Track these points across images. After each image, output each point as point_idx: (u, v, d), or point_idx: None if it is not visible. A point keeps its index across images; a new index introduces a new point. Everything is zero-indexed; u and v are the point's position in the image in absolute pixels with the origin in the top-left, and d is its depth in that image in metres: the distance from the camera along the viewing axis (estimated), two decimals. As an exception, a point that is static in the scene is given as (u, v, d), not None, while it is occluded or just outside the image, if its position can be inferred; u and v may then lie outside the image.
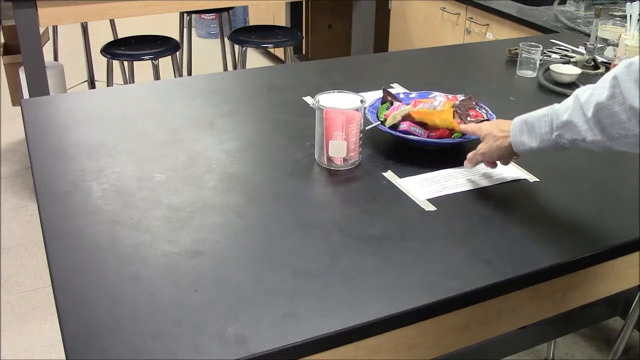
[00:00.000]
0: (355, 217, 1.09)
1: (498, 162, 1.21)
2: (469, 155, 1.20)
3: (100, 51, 2.94)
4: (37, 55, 2.46)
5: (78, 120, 1.42)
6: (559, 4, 2.78)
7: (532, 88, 1.74)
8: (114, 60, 2.97)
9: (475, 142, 1.34)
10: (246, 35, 3.22)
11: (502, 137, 1.12)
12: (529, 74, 1.81)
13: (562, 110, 1.01)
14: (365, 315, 0.87)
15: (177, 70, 3.16)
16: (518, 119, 1.09)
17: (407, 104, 1.39)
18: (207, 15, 4.73)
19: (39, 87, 2.49)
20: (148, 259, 0.97)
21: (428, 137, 1.31)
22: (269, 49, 4.57)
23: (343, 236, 1.04)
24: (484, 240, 1.05)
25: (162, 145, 1.32)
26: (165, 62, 3.05)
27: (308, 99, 1.56)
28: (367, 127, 1.31)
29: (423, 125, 1.31)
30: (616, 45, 2.01)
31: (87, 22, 3.35)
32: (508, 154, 1.14)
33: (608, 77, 0.93)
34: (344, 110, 1.20)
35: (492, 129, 1.16)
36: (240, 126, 1.44)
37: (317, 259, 0.98)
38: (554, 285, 1.04)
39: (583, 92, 0.98)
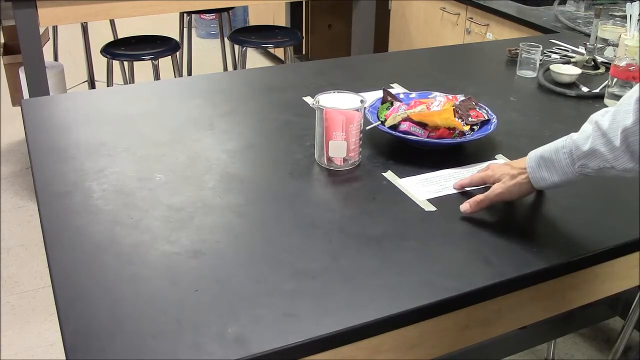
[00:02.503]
0: (355, 217, 1.09)
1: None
2: (479, 197, 1.10)
3: (100, 51, 2.94)
4: (37, 55, 2.46)
5: (78, 120, 1.42)
6: (559, 4, 2.79)
7: (532, 88, 1.74)
8: (114, 61, 2.97)
9: (475, 142, 1.34)
10: (246, 35, 3.22)
11: (519, 174, 1.07)
12: (529, 74, 1.81)
13: (582, 139, 0.97)
14: (365, 315, 0.87)
15: (177, 70, 3.16)
16: (533, 155, 1.06)
17: (407, 104, 1.39)
18: (207, 15, 4.73)
19: (39, 87, 2.49)
20: (148, 259, 0.97)
21: (428, 137, 1.31)
22: (269, 49, 4.57)
23: (343, 236, 1.04)
24: (484, 240, 1.05)
25: (162, 145, 1.32)
26: (165, 62, 3.05)
27: (308, 99, 1.56)
28: (367, 127, 1.31)
29: (423, 125, 1.31)
30: (616, 45, 2.01)
31: (87, 22, 3.35)
32: (527, 191, 1.09)
33: (631, 100, 0.90)
34: (344, 110, 1.20)
35: (505, 169, 1.10)
36: (240, 126, 1.44)
37: (317, 259, 0.98)
38: (554, 286, 1.04)
39: (603, 118, 0.95)
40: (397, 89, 1.65)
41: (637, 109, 0.88)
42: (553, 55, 1.96)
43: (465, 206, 1.10)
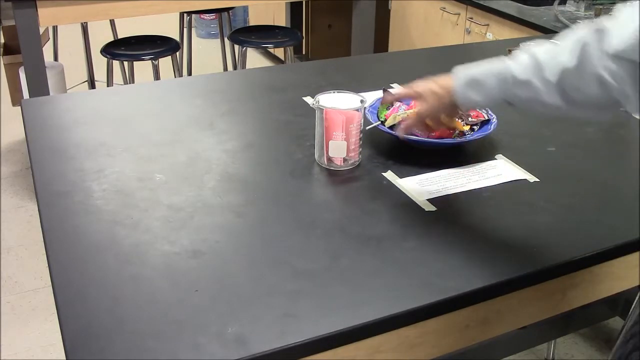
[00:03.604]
0: (355, 217, 1.09)
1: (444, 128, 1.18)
2: (406, 122, 1.14)
3: (100, 51, 2.94)
4: (37, 55, 2.46)
5: (78, 120, 1.42)
6: (559, 4, 2.78)
7: (532, 88, 1.73)
8: (114, 60, 2.97)
9: (475, 142, 1.34)
10: (246, 35, 3.22)
11: (445, 92, 1.06)
12: (529, 74, 1.81)
13: (518, 69, 0.97)
14: (365, 315, 0.87)
15: (177, 70, 3.16)
16: (462, 73, 1.04)
17: (407, 104, 1.39)
18: (207, 15, 4.72)
19: (39, 87, 2.49)
20: (148, 259, 0.97)
21: (428, 137, 1.31)
22: (269, 49, 4.56)
23: (343, 236, 1.04)
24: (484, 240, 1.05)
25: (162, 145, 1.32)
26: (165, 62, 3.05)
27: (308, 99, 1.56)
28: (367, 127, 1.31)
29: (423, 125, 1.31)
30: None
31: (87, 22, 3.35)
32: (451, 110, 1.09)
33: (576, 41, 0.90)
34: (344, 110, 1.20)
35: (430, 86, 1.09)
36: (240, 126, 1.44)
37: (317, 259, 0.98)
38: (554, 285, 1.04)
39: (541, 51, 0.95)
40: (397, 89, 1.65)
41: (580, 53, 0.89)
42: (553, 55, 1.96)
43: (400, 132, 1.16)
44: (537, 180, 1.23)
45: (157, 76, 3.00)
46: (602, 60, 0.87)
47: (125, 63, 3.09)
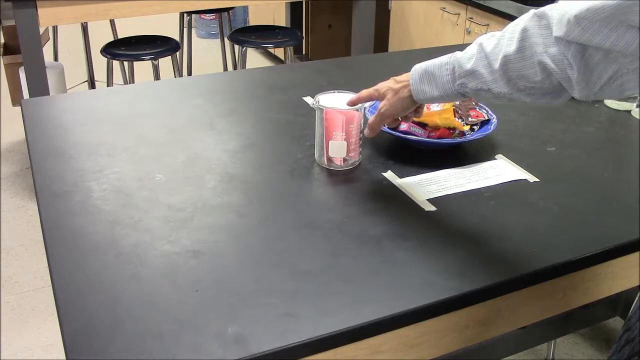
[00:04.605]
0: (355, 217, 1.09)
1: (403, 120, 1.19)
2: (370, 121, 1.16)
3: (100, 51, 2.94)
4: (37, 55, 2.46)
5: (78, 120, 1.42)
6: (559, 4, 2.78)
7: (532, 88, 1.73)
8: (114, 60, 2.97)
9: (475, 142, 1.34)
10: (246, 35, 3.22)
11: (402, 87, 1.08)
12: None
13: (465, 58, 0.99)
14: (365, 315, 0.87)
15: (177, 70, 3.16)
16: (417, 67, 1.06)
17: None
18: (207, 15, 4.73)
19: (39, 87, 2.49)
20: (148, 259, 0.97)
21: (428, 137, 1.31)
22: (269, 49, 4.57)
23: (343, 236, 1.04)
24: (483, 240, 1.05)
25: (162, 145, 1.32)
26: (165, 62, 3.05)
27: (308, 99, 1.56)
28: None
29: (423, 125, 1.31)
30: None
31: (87, 22, 3.36)
32: (409, 105, 1.10)
33: (517, 28, 0.91)
34: (344, 110, 1.20)
35: (389, 84, 1.12)
36: (240, 126, 1.44)
37: (317, 259, 0.98)
38: (554, 285, 1.04)
39: (488, 41, 0.96)
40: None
41: (520, 38, 0.90)
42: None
43: (366, 131, 1.17)
44: (537, 180, 1.23)
45: (157, 76, 3.00)
46: (543, 45, 0.87)
47: (125, 63, 3.09)
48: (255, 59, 4.61)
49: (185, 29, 3.62)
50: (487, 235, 1.06)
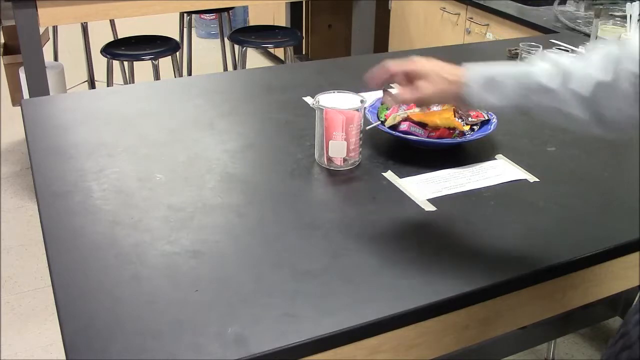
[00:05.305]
0: (355, 217, 1.09)
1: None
2: (403, 96, 1.05)
3: (100, 51, 2.94)
4: (37, 55, 2.46)
5: (78, 120, 1.42)
6: (559, 4, 2.78)
7: (532, 88, 1.73)
8: (114, 60, 2.97)
9: (475, 142, 1.34)
10: (246, 35, 3.22)
11: (455, 83, 0.98)
12: (529, 74, 1.81)
13: (543, 76, 0.92)
14: (365, 315, 0.87)
15: (177, 70, 3.16)
16: (478, 73, 0.97)
17: (407, 105, 1.38)
18: (207, 15, 4.72)
19: (39, 87, 2.49)
20: (148, 259, 0.97)
21: (428, 137, 1.31)
22: (269, 49, 4.56)
23: (343, 236, 1.04)
24: (483, 240, 1.05)
25: (162, 145, 1.32)
26: (165, 62, 3.05)
27: (308, 99, 1.56)
28: (367, 127, 1.31)
29: (423, 125, 1.31)
30: (616, 45, 2.00)
31: (87, 22, 3.35)
32: (458, 104, 1.02)
33: (603, 54, 0.87)
34: (344, 110, 1.20)
35: (438, 69, 1.01)
36: (240, 126, 1.44)
37: (317, 259, 0.98)
38: (554, 285, 1.04)
39: (567, 62, 0.91)
40: (397, 89, 1.65)
41: (615, 68, 0.85)
42: (553, 55, 1.96)
43: (387, 99, 1.08)
44: (537, 180, 1.23)
45: (157, 76, 3.00)
46: (634, 77, 0.83)
47: (125, 63, 3.09)
48: (255, 59, 4.61)
49: (185, 29, 3.62)
50: (487, 235, 1.06)
